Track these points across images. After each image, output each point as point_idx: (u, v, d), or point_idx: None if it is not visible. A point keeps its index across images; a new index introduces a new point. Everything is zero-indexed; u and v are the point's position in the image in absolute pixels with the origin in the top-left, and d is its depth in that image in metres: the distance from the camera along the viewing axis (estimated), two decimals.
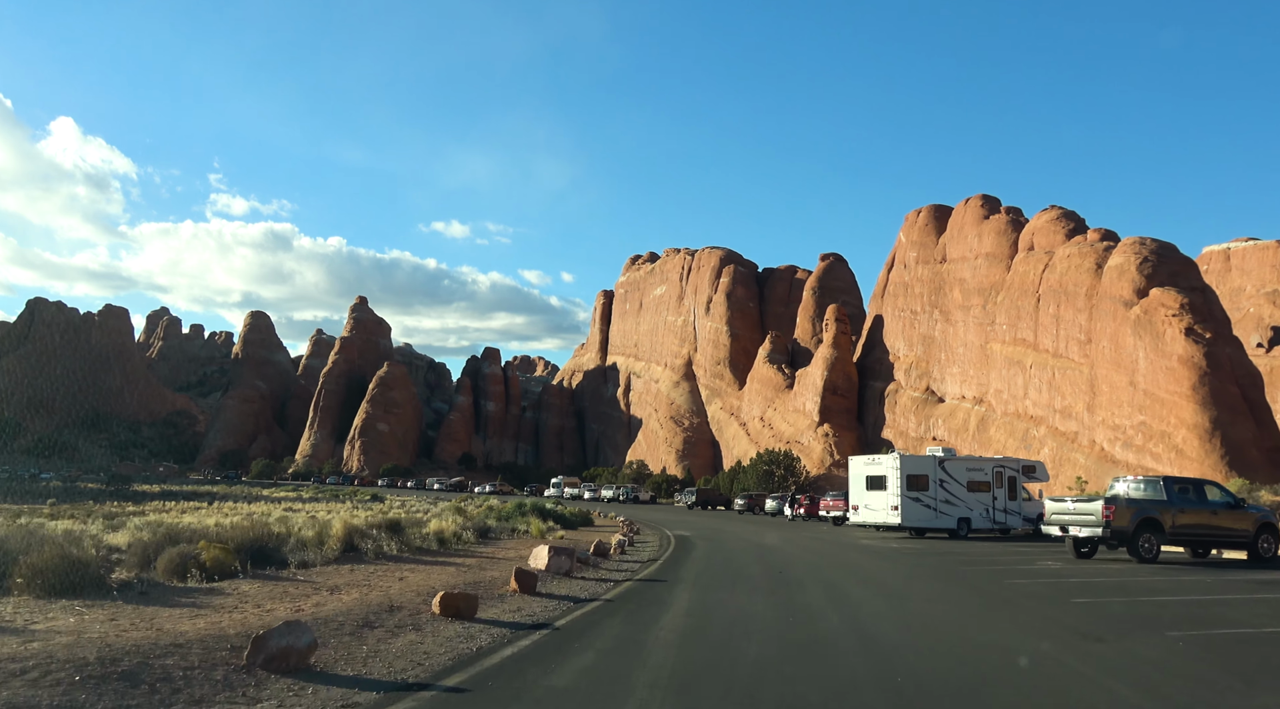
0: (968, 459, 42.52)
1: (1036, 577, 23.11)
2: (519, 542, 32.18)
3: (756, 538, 39.66)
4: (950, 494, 39.90)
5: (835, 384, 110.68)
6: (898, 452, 39.27)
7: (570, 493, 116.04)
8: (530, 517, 41.71)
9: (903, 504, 38.73)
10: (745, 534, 43.15)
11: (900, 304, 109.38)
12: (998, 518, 41.40)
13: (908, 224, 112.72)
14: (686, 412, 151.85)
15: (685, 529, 46.97)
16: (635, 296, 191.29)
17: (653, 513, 75.08)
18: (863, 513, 40.35)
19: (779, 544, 35.34)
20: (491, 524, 37.49)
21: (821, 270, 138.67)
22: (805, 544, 35.10)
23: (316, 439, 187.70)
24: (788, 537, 40.76)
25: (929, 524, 39.84)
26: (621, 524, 48.13)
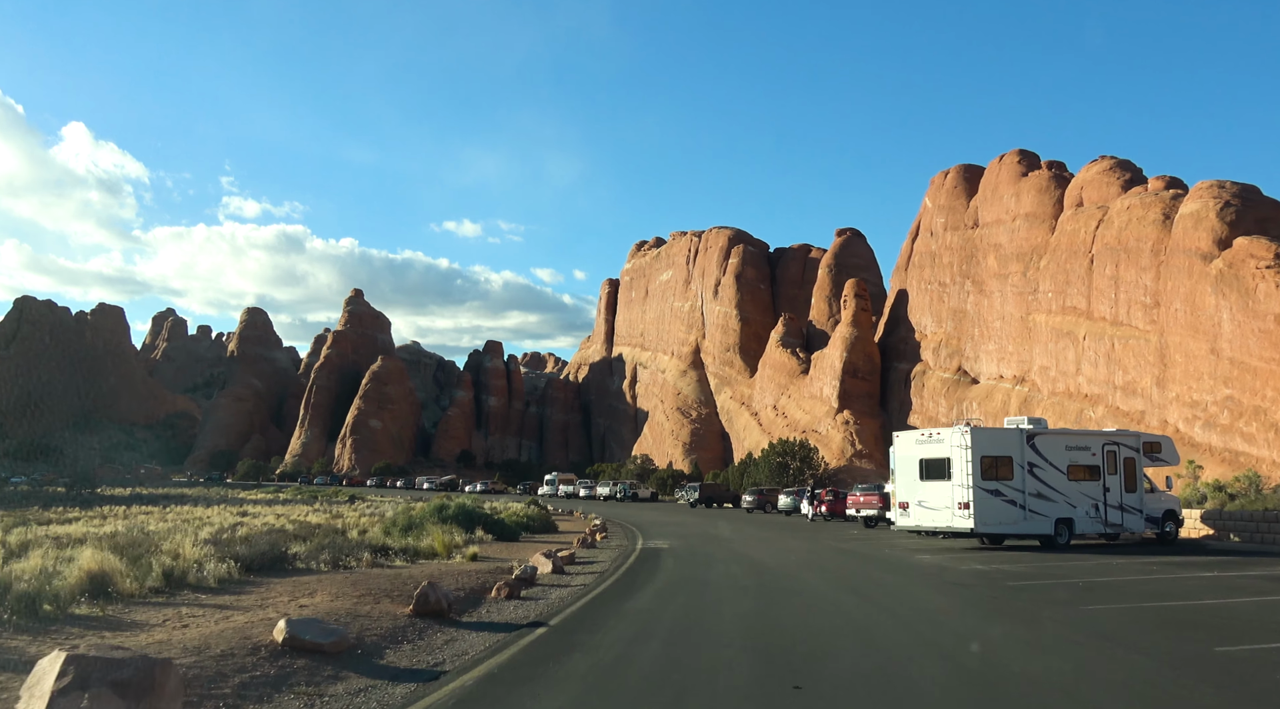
0: (1067, 434, 30.05)
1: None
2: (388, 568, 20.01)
3: (759, 552, 27.64)
4: (1044, 484, 27.44)
5: (855, 366, 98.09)
6: (969, 422, 26.51)
7: (565, 491, 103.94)
8: (449, 525, 29.55)
9: (976, 499, 26.27)
10: (746, 545, 31.05)
11: (927, 276, 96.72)
12: (1111, 517, 28.84)
13: (934, 187, 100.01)
14: (694, 402, 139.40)
15: (669, 536, 34.87)
16: (641, 284, 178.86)
17: (646, 513, 62.83)
18: (915, 513, 27.80)
19: (793, 565, 23.14)
20: (383, 539, 25.53)
21: (838, 246, 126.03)
22: (836, 567, 22.94)
23: (307, 438, 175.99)
24: (807, 549, 28.60)
25: (1014, 528, 27.38)
26: (589, 531, 36.03)
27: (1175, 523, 30.59)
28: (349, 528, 33.04)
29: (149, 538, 21.46)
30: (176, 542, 19.21)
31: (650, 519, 52.33)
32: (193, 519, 42.52)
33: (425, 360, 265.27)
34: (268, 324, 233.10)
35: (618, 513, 61.27)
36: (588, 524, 42.58)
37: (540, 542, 31.92)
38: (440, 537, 26.26)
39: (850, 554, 26.55)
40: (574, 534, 36.28)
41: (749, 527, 44.02)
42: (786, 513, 60.42)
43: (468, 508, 31.83)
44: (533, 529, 38.65)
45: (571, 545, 28.63)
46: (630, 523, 47.59)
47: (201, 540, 23.50)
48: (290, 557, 17.87)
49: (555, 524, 41.74)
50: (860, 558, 25.23)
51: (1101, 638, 11.77)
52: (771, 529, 41.81)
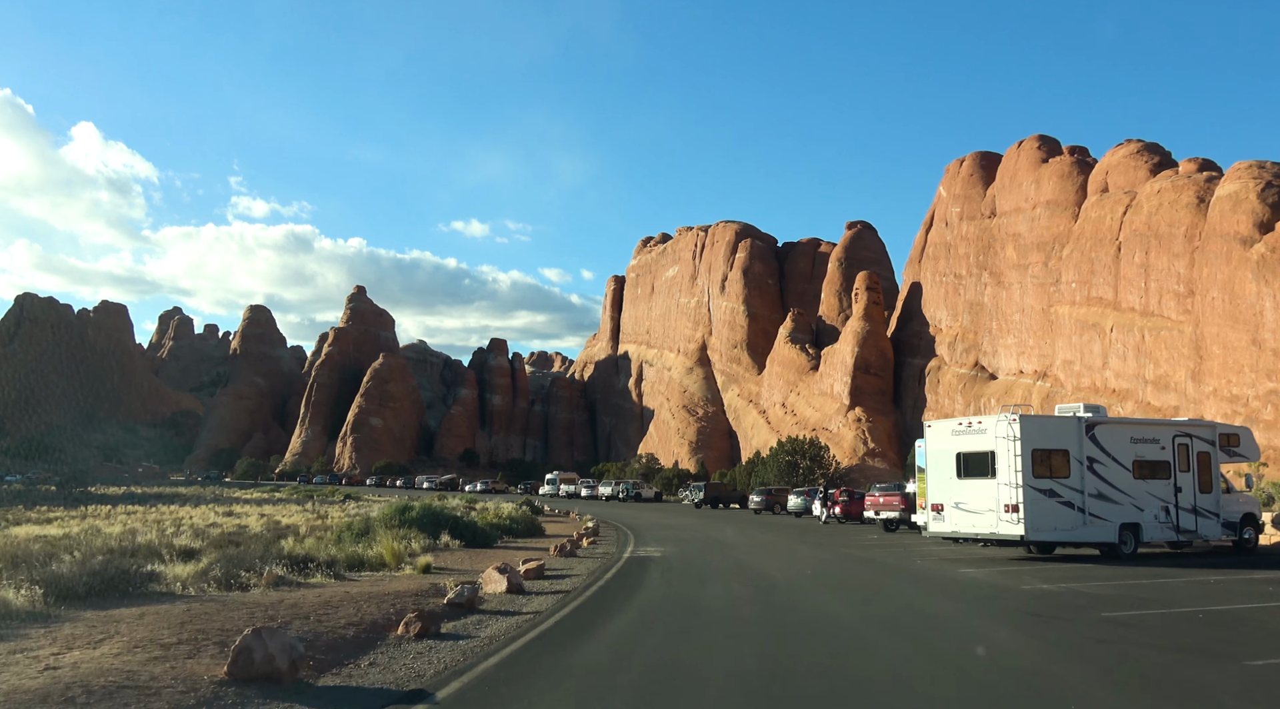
0: (1132, 423, 25.55)
1: None
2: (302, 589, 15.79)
3: (765, 563, 23.44)
4: (1106, 482, 22.96)
5: (867, 362, 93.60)
6: (1014, 409, 21.82)
7: (567, 491, 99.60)
8: (409, 530, 25.29)
9: (1027, 501, 21.76)
10: (751, 552, 26.80)
11: (941, 268, 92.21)
12: (1183, 522, 24.30)
13: (948, 176, 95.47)
14: (700, 400, 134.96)
15: (665, 542, 30.66)
16: (647, 280, 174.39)
17: (646, 514, 58.48)
18: (951, 517, 23.23)
19: (808, 582, 18.84)
20: (323, 549, 21.38)
21: (848, 239, 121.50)
22: (863, 585, 18.63)
23: (307, 436, 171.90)
24: (823, 559, 24.31)
25: (1071, 535, 22.86)
26: (577, 535, 31.78)
27: (1255, 528, 26.16)
28: (298, 532, 28.83)
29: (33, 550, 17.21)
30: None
31: (649, 521, 48.03)
32: (169, 520, 38.65)
33: (432, 359, 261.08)
34: (271, 322, 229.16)
35: (616, 514, 56.97)
36: (578, 527, 38.31)
37: (518, 548, 27.67)
38: (389, 545, 21.96)
39: (875, 566, 22.20)
40: (559, 539, 32.03)
41: (755, 530, 39.67)
42: (796, 514, 56.00)
43: (434, 510, 27.53)
44: (515, 532, 34.40)
45: (548, 553, 24.37)
46: (627, 525, 43.31)
47: (99, 548, 19.28)
48: (144, 577, 13.48)
49: (542, 527, 37.44)
50: (889, 571, 20.88)
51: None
52: (780, 533, 37.45)
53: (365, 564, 20.87)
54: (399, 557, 21.51)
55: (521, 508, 52.93)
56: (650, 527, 42.06)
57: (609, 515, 55.27)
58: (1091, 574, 20.03)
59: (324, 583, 16.10)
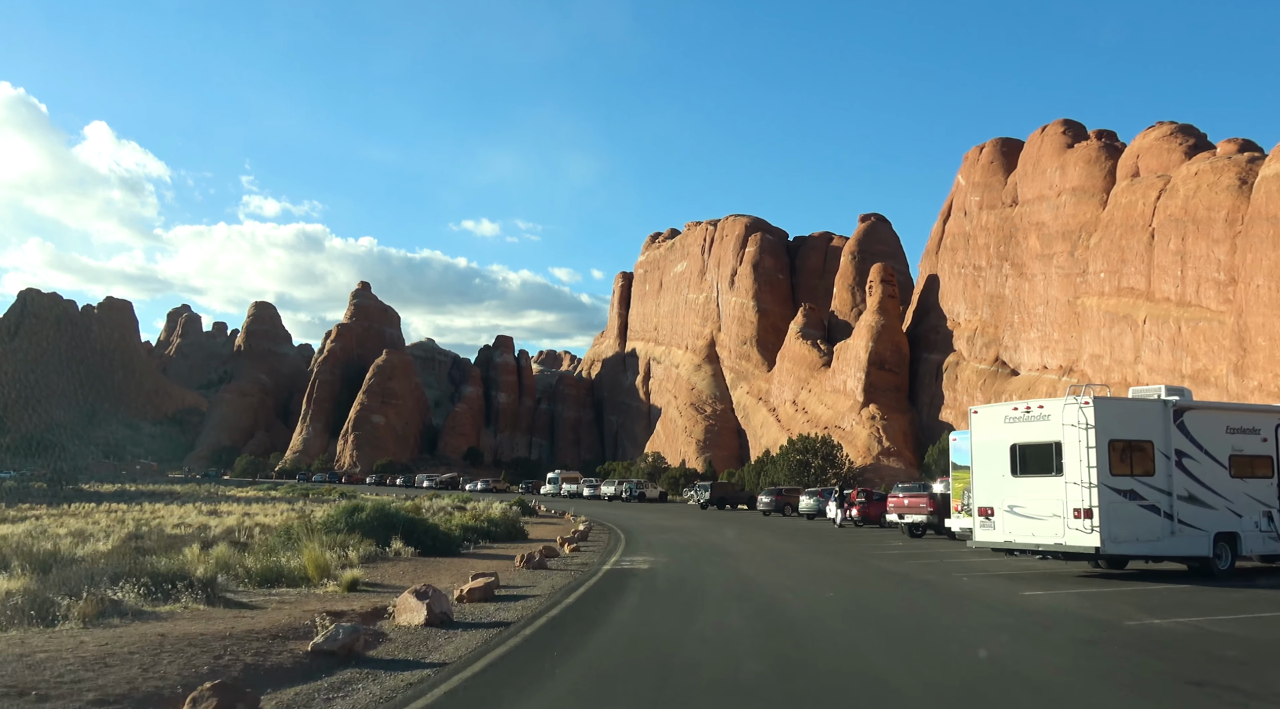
0: (1228, 410, 21.10)
1: None
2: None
3: (775, 580, 19.24)
4: (1198, 482, 18.46)
5: (882, 357, 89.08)
6: (1086, 390, 17.07)
7: (569, 490, 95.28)
8: (352, 535, 21.05)
9: (1103, 504, 17.14)
10: (758, 564, 22.64)
11: (960, 259, 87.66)
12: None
13: (967, 164, 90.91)
14: (709, 397, 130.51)
15: (658, 549, 26.51)
16: (655, 276, 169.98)
17: (648, 515, 54.13)
18: (1004, 523, 18.45)
19: (833, 611, 14.62)
20: (241, 565, 17.23)
21: (862, 232, 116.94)
22: (907, 617, 14.41)
23: (309, 433, 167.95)
24: (845, 574, 20.05)
25: (1156, 547, 18.23)
26: (559, 540, 27.64)
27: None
28: (237, 535, 24.64)
29: None
30: None
31: (648, 523, 43.73)
32: (140, 519, 35.49)
33: (440, 358, 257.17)
34: (276, 318, 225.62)
35: (615, 515, 52.64)
36: (566, 530, 33.98)
37: (487, 556, 23.51)
38: (314, 555, 17.74)
39: (912, 584, 17.81)
40: (539, 544, 27.78)
41: (764, 534, 35.32)
42: (809, 517, 51.57)
43: (388, 512, 23.29)
44: (493, 536, 30.16)
45: (513, 564, 20.12)
46: (622, 527, 39.05)
47: None
48: None
49: (524, 530, 33.12)
50: (933, 594, 16.50)
51: None
52: (791, 538, 33.12)
53: (284, 578, 16.76)
54: (324, 569, 17.30)
55: (512, 508, 48.70)
56: (647, 529, 37.75)
57: (607, 517, 51.01)
58: (1196, 600, 15.59)
59: (176, 611, 11.80)
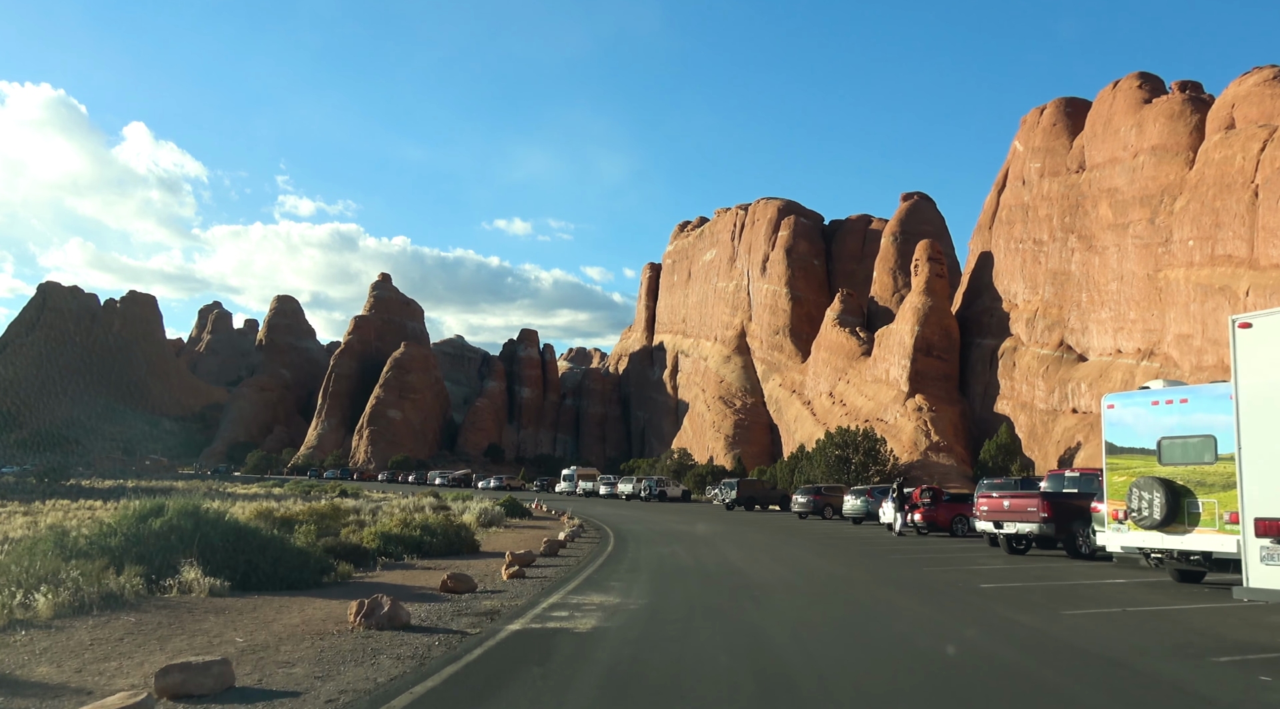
0: None
1: None
2: None
3: (836, 658, 9.36)
4: None
5: (929, 342, 79.47)
6: None
7: (585, 488, 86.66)
8: (101, 561, 12.08)
9: None
10: (796, 614, 13.33)
11: (1017, 233, 77.89)
12: None
13: (1025, 129, 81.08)
14: (738, 390, 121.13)
15: (642, 578, 17.74)
16: (683, 266, 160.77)
17: (662, 517, 45.22)
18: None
19: None
20: None
21: (904, 212, 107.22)
22: None
23: (324, 428, 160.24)
24: (970, 644, 10.63)
25: None
26: (510, 557, 18.96)
27: None
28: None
29: None
30: None
31: (657, 527, 34.93)
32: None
33: (470, 355, 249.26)
34: (299, 312, 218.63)
35: (623, 517, 43.82)
36: (540, 539, 25.13)
37: (368, 586, 14.72)
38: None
39: (1165, 692, 8.38)
40: (482, 561, 18.99)
41: (802, 547, 26.32)
42: (855, 520, 42.33)
43: (208, 518, 14.41)
44: (428, 550, 21.32)
45: (348, 618, 10.96)
46: (621, 534, 30.39)
47: None
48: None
49: (476, 541, 24.30)
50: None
51: None
52: (841, 553, 24.09)
53: None
54: None
55: (495, 509, 39.97)
56: (649, 537, 28.91)
57: (612, 519, 42.22)
58: None
59: None
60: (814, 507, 46.93)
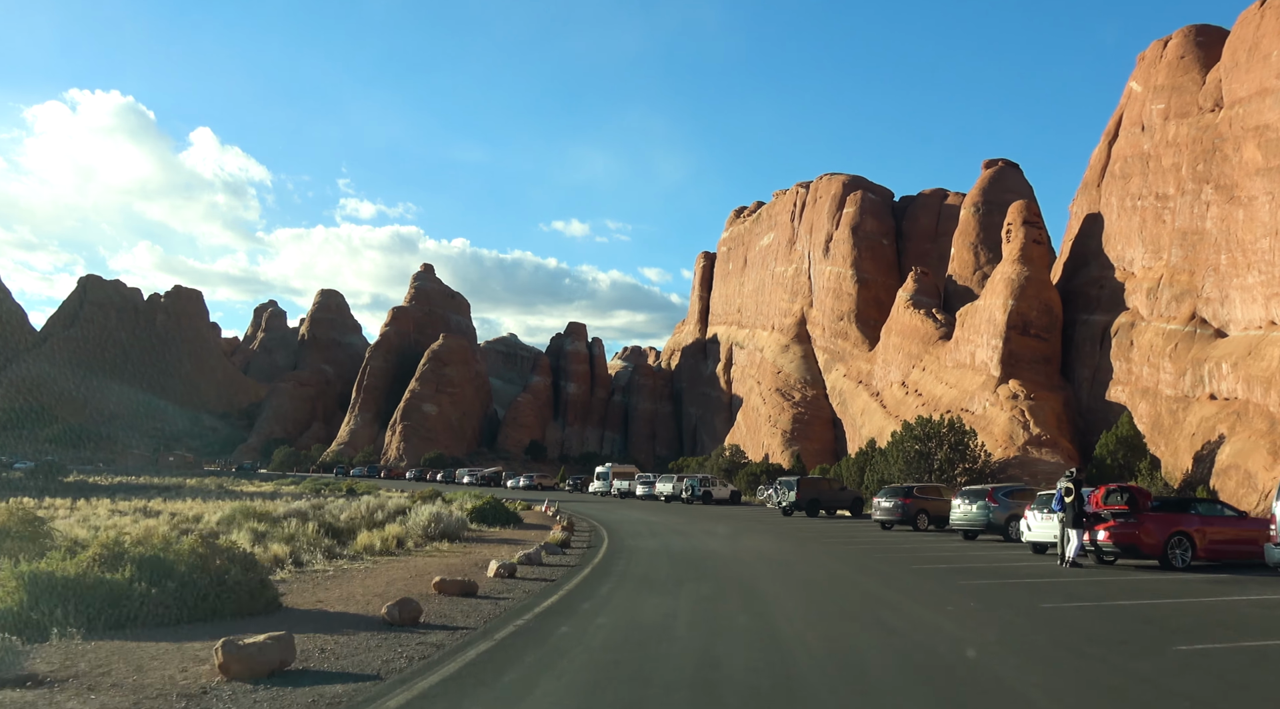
0: None
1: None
2: None
3: None
4: None
5: (1026, 319, 66.45)
6: None
7: (620, 488, 75.05)
8: None
9: None
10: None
11: (1135, 188, 64.46)
12: None
13: (1144, 66, 67.64)
14: (797, 382, 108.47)
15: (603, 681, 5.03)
16: (739, 253, 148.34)
17: (699, 525, 33.50)
18: None
19: None
20: None
21: (986, 180, 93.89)
22: None
23: (356, 424, 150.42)
24: None
25: None
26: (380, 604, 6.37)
27: None
28: None
29: None
30: None
31: (680, 546, 23.71)
32: None
33: (523, 353, 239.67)
34: (343, 307, 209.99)
35: (654, 524, 32.49)
36: (487, 560, 13.33)
37: None
38: None
39: None
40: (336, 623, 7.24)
41: (915, 593, 14.31)
42: (967, 534, 29.77)
43: None
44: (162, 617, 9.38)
45: None
46: (616, 560, 19.17)
47: None
48: None
49: (277, 596, 12.41)
50: None
51: None
52: (1051, 631, 11.83)
53: None
54: None
55: (456, 515, 28.42)
56: (658, 562, 17.30)
57: (629, 528, 30.82)
58: None
59: None
60: (903, 513, 34.43)
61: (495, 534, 28.02)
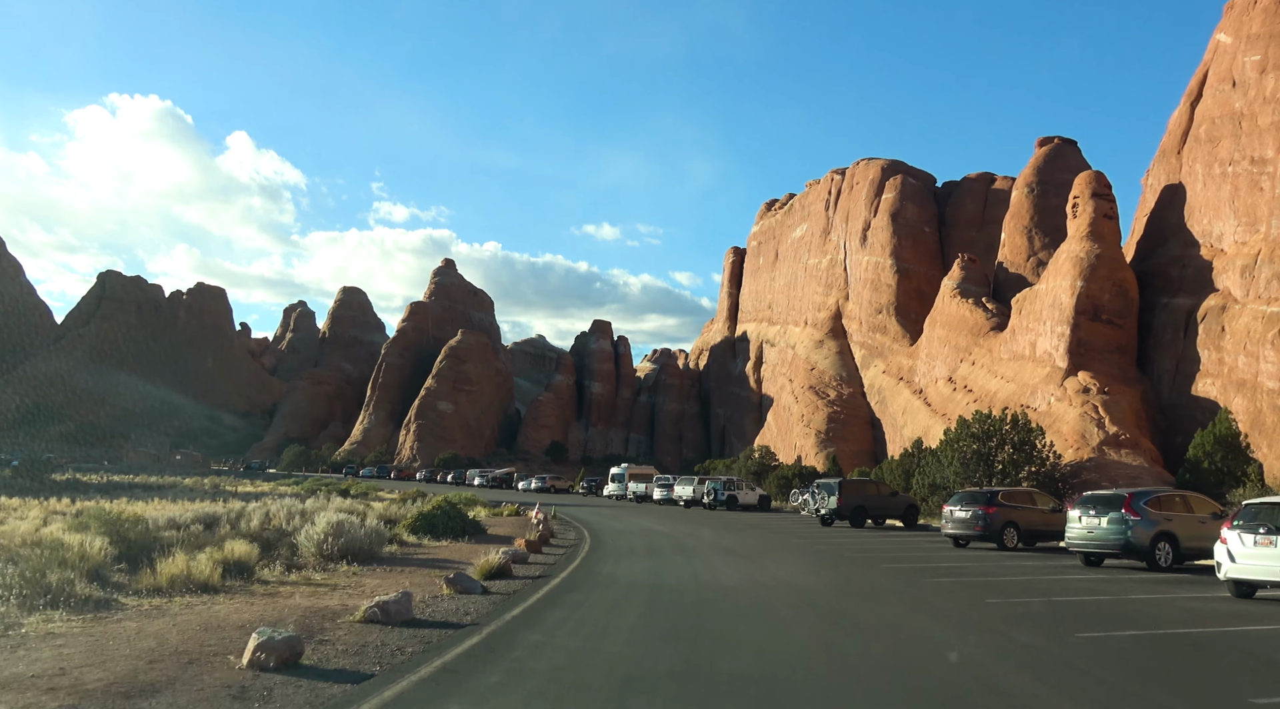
0: None
1: None
2: None
3: None
4: None
5: (1097, 303, 57.84)
6: None
7: (636, 491, 67.06)
8: None
9: None
10: None
11: (1224, 153, 55.63)
12: None
13: (1234, 14, 58.85)
14: (832, 379, 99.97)
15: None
16: (770, 247, 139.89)
17: (720, 536, 25.58)
18: None
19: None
20: None
21: (1041, 159, 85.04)
22: None
23: (370, 423, 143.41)
24: None
25: None
26: None
27: None
28: None
29: None
30: None
31: (681, 574, 15.67)
32: None
33: (550, 354, 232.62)
34: (365, 304, 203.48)
35: (657, 539, 24.78)
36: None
37: None
38: None
39: None
40: None
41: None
42: (1089, 559, 21.34)
43: None
44: None
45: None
46: (602, 588, 11.13)
47: None
48: None
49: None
50: None
51: None
52: None
53: None
54: None
55: (380, 528, 20.65)
56: (644, 599, 9.55)
57: (634, 540, 23.12)
58: None
59: None
60: (984, 526, 26.02)
61: (431, 552, 20.27)
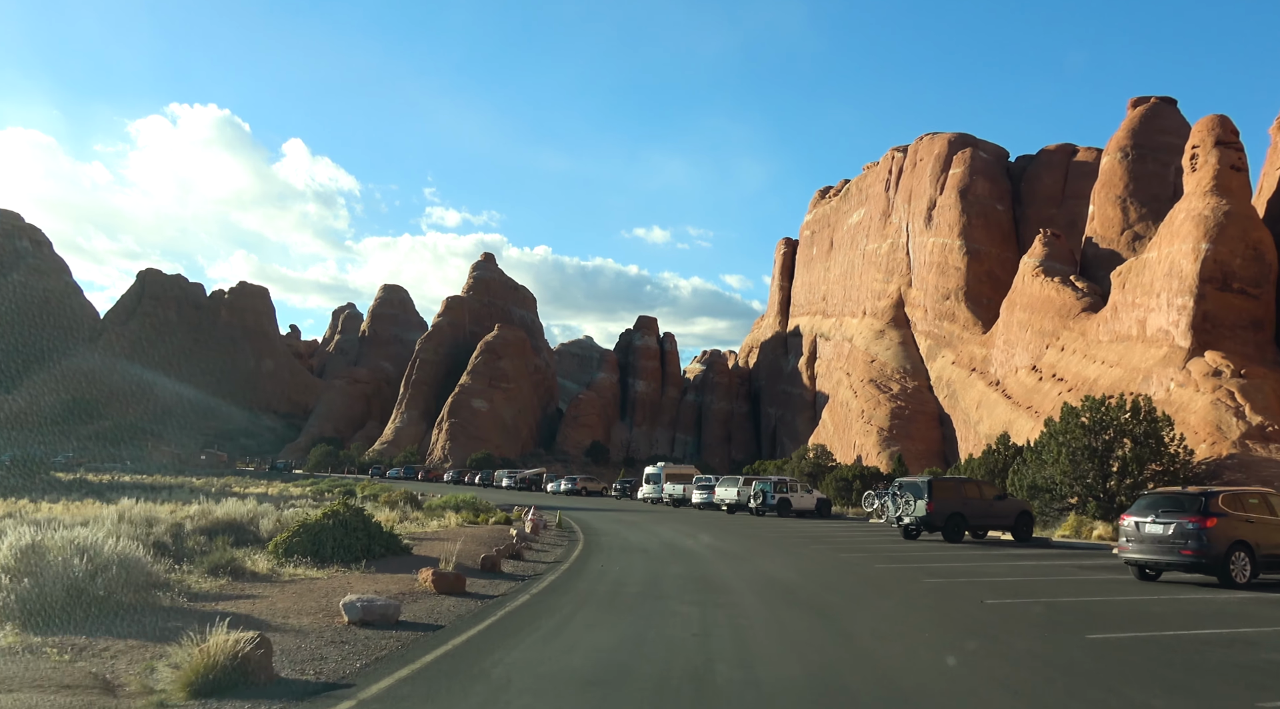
0: None
1: None
2: None
3: None
4: None
5: (1227, 267, 47.55)
6: None
7: (674, 493, 57.88)
8: None
9: None
10: None
11: None
12: None
13: None
14: (894, 372, 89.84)
15: None
16: (824, 236, 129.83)
17: (764, 556, 16.33)
18: None
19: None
20: None
21: (1136, 121, 74.37)
22: None
23: (402, 422, 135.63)
24: None
25: None
26: None
27: None
28: None
29: None
30: None
31: (695, 658, 5.99)
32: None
33: (595, 354, 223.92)
34: (407, 302, 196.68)
35: (672, 560, 14.91)
36: None
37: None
38: None
39: None
40: None
41: None
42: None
43: None
44: None
45: None
46: None
47: None
48: None
49: None
50: None
51: None
52: None
53: None
54: None
55: (289, 527, 11.79)
56: None
57: (636, 562, 13.44)
58: None
59: None
60: (1198, 548, 15.63)
61: (257, 593, 11.28)
